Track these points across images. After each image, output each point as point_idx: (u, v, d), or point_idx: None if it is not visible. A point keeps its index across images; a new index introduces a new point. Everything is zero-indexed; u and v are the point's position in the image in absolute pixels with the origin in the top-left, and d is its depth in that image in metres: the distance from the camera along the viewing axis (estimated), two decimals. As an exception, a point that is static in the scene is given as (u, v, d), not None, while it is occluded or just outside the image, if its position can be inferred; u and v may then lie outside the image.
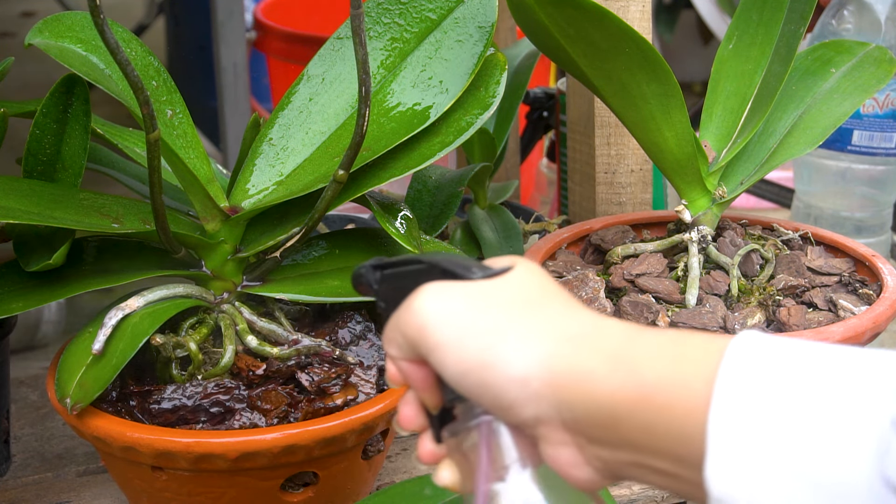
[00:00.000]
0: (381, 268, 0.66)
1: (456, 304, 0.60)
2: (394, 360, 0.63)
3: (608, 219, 1.12)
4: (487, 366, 0.57)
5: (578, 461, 0.58)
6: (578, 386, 0.56)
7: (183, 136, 0.95)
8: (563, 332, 0.58)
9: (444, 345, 0.59)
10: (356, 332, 0.93)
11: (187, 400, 0.87)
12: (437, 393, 0.62)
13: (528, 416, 0.58)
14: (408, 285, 0.62)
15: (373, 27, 0.98)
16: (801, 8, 1.02)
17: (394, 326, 0.62)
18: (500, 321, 0.59)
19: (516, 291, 0.60)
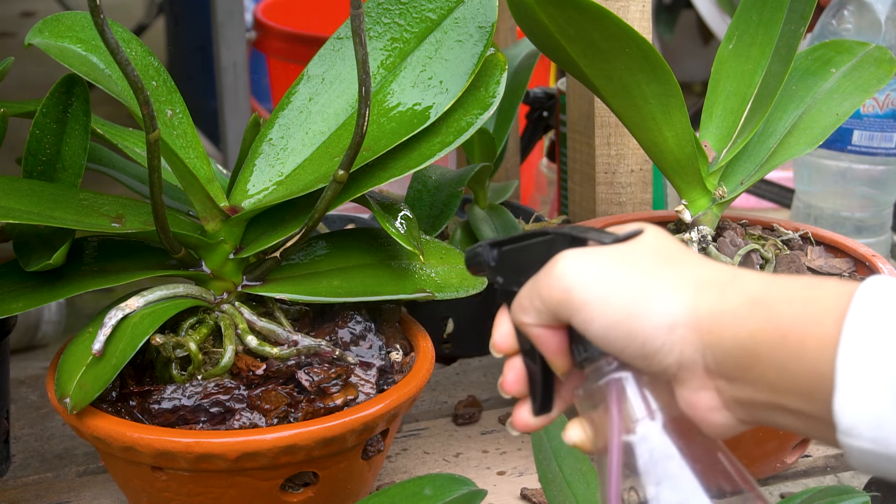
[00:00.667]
0: (498, 245, 0.69)
1: (598, 265, 0.63)
2: (526, 327, 0.66)
3: (608, 219, 1.12)
4: (634, 316, 0.61)
5: (716, 405, 0.61)
6: (721, 328, 0.59)
7: (183, 136, 0.95)
8: (703, 280, 0.61)
9: (590, 302, 0.62)
10: (356, 332, 0.93)
11: (187, 400, 0.87)
12: (567, 357, 0.65)
13: (671, 361, 0.61)
14: (534, 258, 0.66)
15: (373, 27, 0.98)
16: (801, 8, 1.02)
17: (531, 294, 0.65)
18: (643, 276, 0.62)
19: (651, 250, 0.64)
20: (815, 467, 1.04)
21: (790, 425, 0.60)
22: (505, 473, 1.04)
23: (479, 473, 1.04)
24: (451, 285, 0.96)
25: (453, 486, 0.82)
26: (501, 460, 1.06)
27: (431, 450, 1.08)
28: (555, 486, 0.82)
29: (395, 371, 0.94)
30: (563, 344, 0.65)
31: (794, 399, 0.58)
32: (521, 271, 0.67)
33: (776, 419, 0.60)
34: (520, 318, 0.66)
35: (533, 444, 0.83)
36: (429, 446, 1.08)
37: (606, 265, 0.63)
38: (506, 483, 1.02)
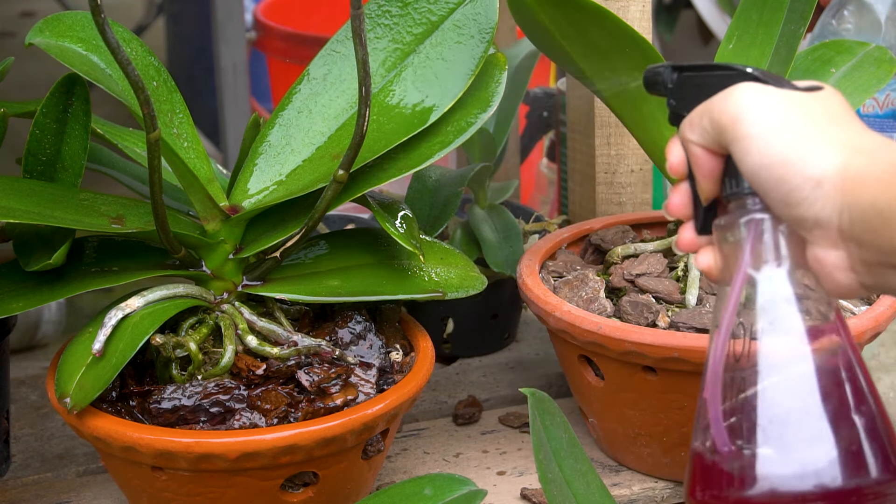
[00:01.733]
0: (680, 69, 0.72)
1: (772, 103, 0.66)
2: (689, 144, 0.69)
3: (608, 219, 1.12)
4: (789, 163, 0.64)
5: (843, 265, 0.64)
6: (863, 190, 0.62)
7: (183, 136, 0.95)
8: (859, 145, 0.64)
9: (753, 137, 0.65)
10: (356, 332, 0.93)
11: (187, 400, 0.87)
12: (717, 184, 0.70)
13: (811, 214, 0.64)
14: (712, 87, 0.69)
15: (373, 28, 0.98)
16: (801, 8, 1.02)
17: (703, 113, 0.68)
18: (808, 127, 0.65)
19: (823, 106, 0.67)
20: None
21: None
22: (505, 473, 1.04)
23: (479, 473, 1.04)
24: (451, 285, 0.96)
25: (453, 486, 0.82)
26: (501, 460, 1.06)
27: (431, 450, 1.08)
28: (555, 486, 0.82)
29: (395, 371, 0.94)
30: (716, 170, 0.69)
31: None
32: (695, 97, 0.70)
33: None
34: (686, 133, 0.70)
35: (533, 444, 0.83)
36: (429, 446, 1.08)
37: (779, 107, 0.66)
38: (506, 483, 1.02)
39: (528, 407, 0.83)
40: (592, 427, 1.04)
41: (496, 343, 1.25)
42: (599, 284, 1.00)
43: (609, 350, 0.94)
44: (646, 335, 0.92)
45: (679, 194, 0.72)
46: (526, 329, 1.29)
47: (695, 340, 0.91)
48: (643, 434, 0.98)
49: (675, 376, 0.93)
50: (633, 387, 0.96)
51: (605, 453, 1.04)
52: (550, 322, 0.97)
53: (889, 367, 1.62)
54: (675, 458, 0.98)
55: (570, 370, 1.01)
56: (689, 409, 0.95)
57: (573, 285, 1.00)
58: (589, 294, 0.99)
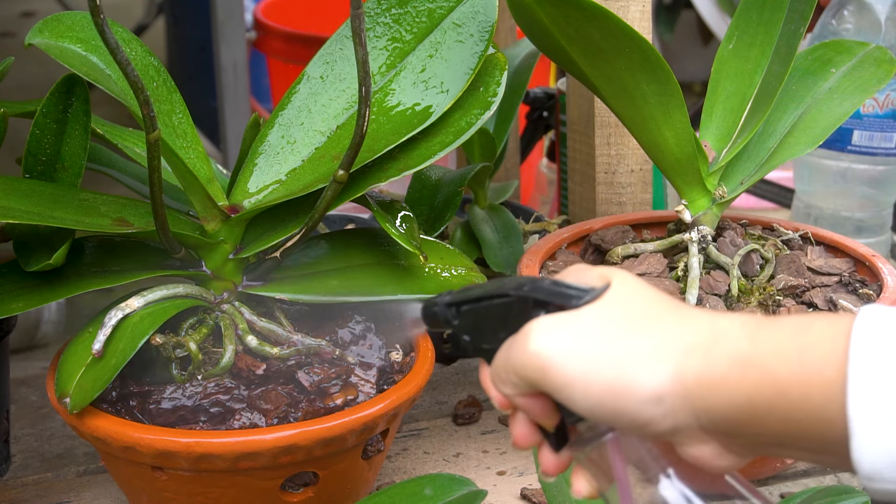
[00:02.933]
0: (456, 304, 0.66)
1: (572, 337, 0.61)
2: (509, 397, 0.64)
3: (608, 219, 1.12)
4: (619, 394, 0.59)
5: (720, 452, 0.61)
6: (713, 394, 0.58)
7: (183, 136, 0.95)
8: (685, 344, 0.60)
9: (571, 383, 0.60)
10: (356, 332, 0.93)
11: (187, 400, 0.87)
12: (555, 416, 0.64)
13: (665, 429, 0.60)
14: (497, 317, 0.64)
15: (373, 27, 0.98)
16: (801, 8, 1.02)
17: (506, 368, 0.63)
18: (620, 345, 0.60)
19: (624, 309, 0.62)
20: (815, 467, 1.04)
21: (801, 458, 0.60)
22: (505, 473, 1.04)
23: (479, 473, 1.04)
24: (452, 285, 0.96)
25: (453, 486, 0.82)
26: (501, 460, 1.06)
27: (431, 450, 1.08)
28: (555, 486, 0.82)
29: (395, 371, 0.94)
30: (547, 407, 0.64)
31: (803, 442, 0.57)
32: (486, 329, 0.65)
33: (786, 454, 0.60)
34: (500, 389, 0.65)
35: (533, 445, 0.83)
36: (429, 446, 1.08)
37: (581, 337, 0.61)
38: (506, 483, 1.02)
39: (528, 407, 0.83)
40: (592, 427, 1.04)
41: (496, 343, 1.25)
42: (599, 284, 1.00)
43: (609, 350, 0.93)
44: (646, 335, 0.92)
45: (519, 425, 0.66)
46: (526, 329, 1.29)
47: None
48: (643, 434, 0.98)
49: (675, 376, 0.93)
50: (633, 387, 0.95)
51: (605, 453, 1.04)
52: (550, 322, 0.97)
53: (889, 367, 1.61)
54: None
55: (570, 370, 1.01)
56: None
57: (573, 285, 1.00)
58: (589, 294, 0.99)
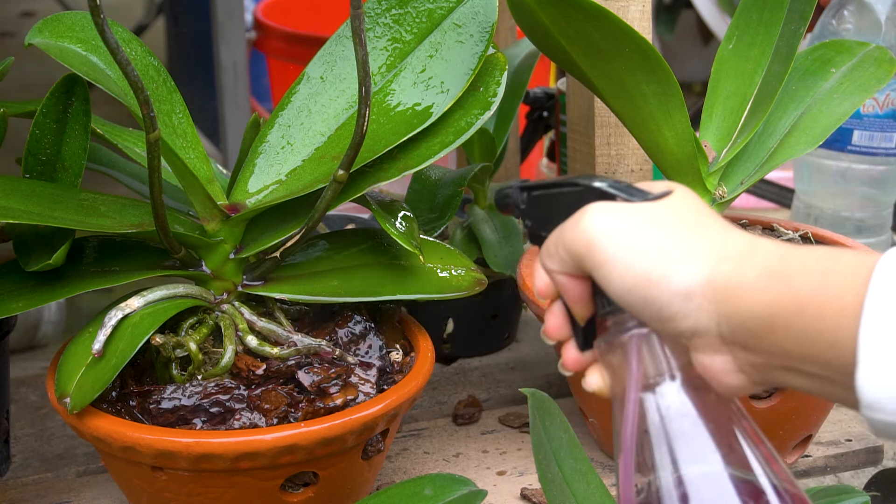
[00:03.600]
0: (528, 189, 0.70)
1: (624, 222, 0.64)
2: (552, 273, 0.68)
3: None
4: (653, 282, 0.62)
5: (731, 368, 0.62)
6: (738, 299, 0.60)
7: (183, 136, 0.95)
8: (722, 251, 0.62)
9: (611, 261, 0.63)
10: (356, 332, 0.93)
11: (187, 400, 0.87)
12: (589, 306, 0.68)
13: (686, 327, 0.62)
14: (563, 205, 0.67)
15: (373, 27, 0.98)
16: (801, 8, 1.02)
17: (557, 242, 0.67)
18: (665, 240, 0.63)
19: (677, 213, 0.65)
20: (815, 467, 1.04)
21: (805, 387, 0.61)
22: (505, 473, 1.04)
23: (479, 473, 1.04)
24: (451, 285, 0.96)
25: (453, 486, 0.82)
26: (501, 460, 1.06)
27: (431, 450, 1.08)
28: (555, 486, 0.82)
29: (395, 371, 0.94)
30: (585, 293, 0.67)
31: (811, 365, 0.59)
32: (549, 217, 0.69)
33: (792, 381, 0.61)
34: (546, 263, 0.68)
35: (533, 444, 0.83)
36: (429, 446, 1.08)
37: (632, 224, 0.64)
38: (506, 483, 1.02)
39: (528, 407, 0.83)
40: (592, 427, 1.04)
41: (496, 343, 1.25)
42: (599, 284, 1.00)
43: (609, 350, 0.94)
44: (646, 335, 0.92)
45: (553, 316, 0.70)
46: (526, 329, 1.29)
47: (695, 340, 0.91)
48: (643, 434, 0.98)
49: (675, 376, 0.93)
50: (633, 387, 0.95)
51: (605, 453, 1.04)
52: (550, 322, 0.97)
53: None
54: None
55: (570, 370, 1.01)
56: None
57: (573, 285, 1.00)
58: (589, 294, 0.99)
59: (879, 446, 1.07)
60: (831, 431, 1.08)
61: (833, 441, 1.06)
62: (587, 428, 1.05)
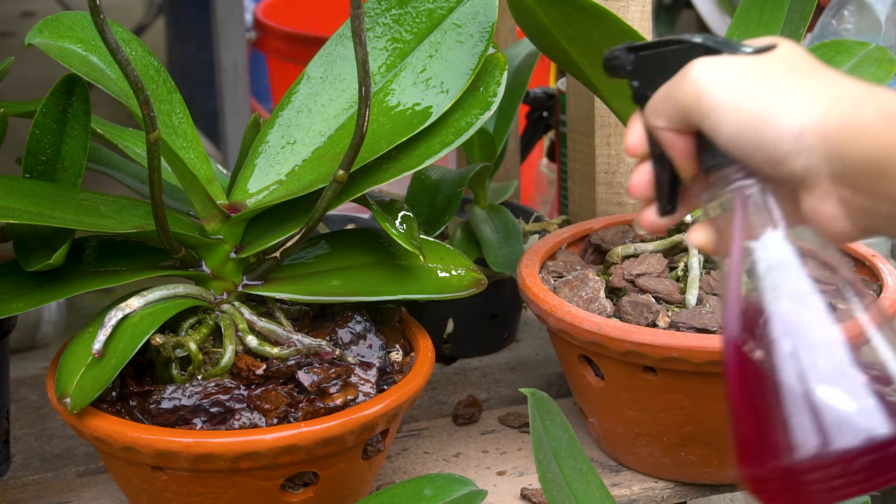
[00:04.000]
0: (635, 50, 0.72)
1: (732, 71, 0.65)
2: (657, 130, 0.68)
3: (608, 219, 1.12)
4: (764, 122, 0.62)
5: (839, 213, 0.62)
6: (853, 138, 0.60)
7: (183, 136, 0.95)
8: (836, 92, 0.62)
9: (721, 107, 0.64)
10: (356, 332, 0.93)
11: (187, 400, 0.87)
12: (694, 162, 0.68)
13: (798, 167, 0.62)
14: (670, 63, 0.68)
15: (373, 27, 0.98)
16: (801, 8, 1.02)
17: (664, 97, 0.67)
18: (775, 83, 0.64)
19: (785, 62, 0.65)
20: (815, 467, 1.04)
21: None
22: (505, 473, 1.04)
23: (479, 473, 1.04)
24: (451, 285, 0.96)
25: (453, 486, 0.82)
26: (501, 460, 1.06)
27: (431, 450, 1.08)
28: (555, 486, 0.82)
29: (395, 371, 0.94)
30: (691, 148, 0.68)
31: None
32: (656, 76, 0.70)
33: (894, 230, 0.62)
34: (652, 120, 0.69)
35: (533, 444, 0.83)
36: (429, 446, 1.08)
37: (740, 72, 0.65)
38: (506, 483, 1.02)
39: (528, 407, 0.83)
40: (592, 427, 1.04)
41: (496, 343, 1.25)
42: (599, 284, 1.00)
43: (609, 350, 0.94)
44: (646, 335, 0.92)
45: (640, 174, 0.71)
46: (526, 329, 1.29)
47: (695, 340, 0.91)
48: (643, 434, 0.98)
49: (676, 376, 0.93)
50: (633, 387, 0.96)
51: (605, 453, 1.04)
52: (550, 322, 0.97)
53: (889, 366, 1.61)
54: (675, 458, 0.98)
55: (570, 370, 1.01)
56: (689, 409, 0.95)
57: (573, 285, 1.00)
58: (589, 294, 0.99)
59: (879, 446, 1.06)
60: (831, 431, 1.08)
61: (833, 441, 1.06)
62: (587, 428, 1.05)
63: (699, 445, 0.97)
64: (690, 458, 0.98)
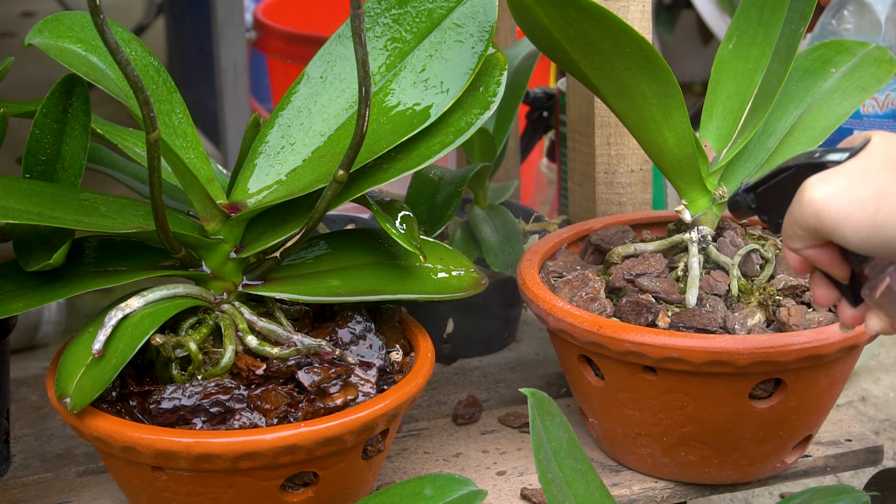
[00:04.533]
0: (751, 189, 0.80)
1: (838, 184, 0.72)
2: (798, 251, 0.76)
3: (608, 219, 1.12)
4: (880, 226, 0.70)
5: None
6: None
7: (183, 136, 0.95)
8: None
9: (840, 223, 0.72)
10: (356, 332, 0.93)
11: (187, 400, 0.87)
12: (843, 265, 0.76)
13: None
14: (786, 190, 0.76)
15: (373, 27, 0.98)
16: (801, 8, 1.02)
17: (790, 224, 0.75)
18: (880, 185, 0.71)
19: (883, 158, 0.73)
20: (815, 467, 1.04)
21: None
22: (505, 473, 1.04)
23: (479, 473, 1.04)
24: (451, 286, 0.96)
25: (453, 486, 0.82)
26: (501, 460, 1.06)
27: (431, 450, 1.08)
28: (555, 486, 0.82)
29: (395, 371, 0.94)
30: (835, 256, 0.76)
31: None
32: (779, 205, 0.78)
33: None
34: (790, 245, 0.76)
35: (533, 444, 0.83)
36: (429, 446, 1.08)
37: (846, 183, 0.72)
38: (506, 483, 1.02)
39: (528, 407, 0.83)
40: (592, 427, 1.04)
41: (496, 343, 1.25)
42: (599, 284, 1.00)
43: (609, 350, 0.94)
44: (646, 335, 0.92)
45: (818, 286, 0.79)
46: (526, 329, 1.29)
47: (695, 340, 0.91)
48: (643, 434, 0.98)
49: (675, 376, 0.93)
50: (633, 387, 0.96)
51: (605, 453, 1.04)
52: (550, 322, 0.97)
53: (889, 367, 1.62)
54: (675, 458, 0.98)
55: (570, 370, 1.01)
56: (689, 409, 0.95)
57: (573, 285, 1.00)
58: (589, 294, 0.99)
59: (879, 446, 1.07)
60: (831, 431, 1.08)
61: (833, 441, 1.06)
62: (587, 428, 1.05)
63: (699, 445, 0.97)
64: (690, 458, 0.98)
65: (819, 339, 0.92)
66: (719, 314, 0.96)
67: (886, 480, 1.08)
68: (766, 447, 0.98)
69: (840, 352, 0.93)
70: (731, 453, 0.97)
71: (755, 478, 1.01)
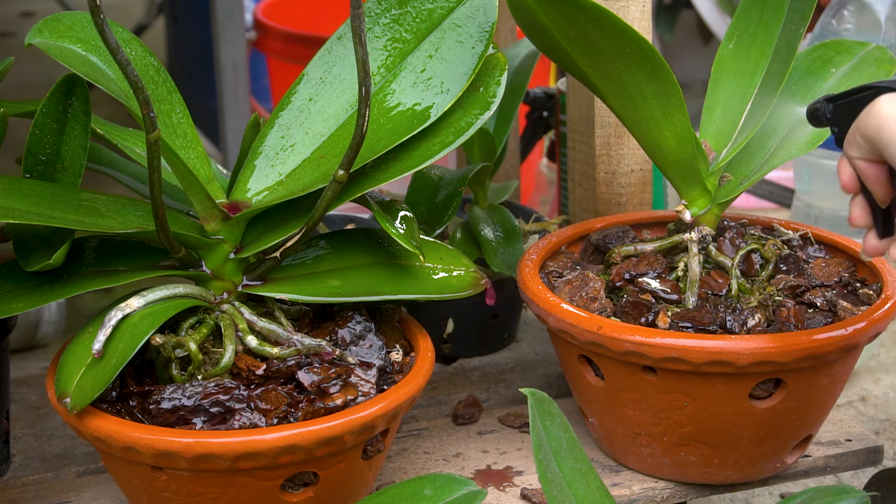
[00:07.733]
0: (832, 100, 0.83)
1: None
2: (852, 160, 0.79)
3: (608, 219, 1.12)
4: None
5: None
6: None
7: (183, 136, 0.95)
8: None
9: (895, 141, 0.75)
10: (356, 332, 0.94)
11: (187, 400, 0.87)
12: (888, 187, 0.79)
13: None
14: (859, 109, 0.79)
15: (373, 27, 0.98)
16: (801, 8, 1.02)
17: (854, 130, 0.79)
18: None
19: None
20: (815, 467, 1.04)
21: None
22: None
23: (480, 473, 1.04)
24: (451, 286, 0.96)
25: (453, 486, 0.82)
26: (501, 460, 1.06)
27: (431, 450, 1.08)
28: (555, 486, 0.82)
29: (395, 371, 0.94)
30: (882, 176, 0.78)
31: None
32: (851, 121, 0.80)
33: None
34: (847, 151, 0.79)
35: (533, 444, 0.83)
36: (429, 446, 1.08)
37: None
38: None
39: (528, 407, 0.83)
40: (592, 427, 1.04)
41: (496, 343, 1.25)
42: (599, 284, 1.00)
43: (609, 350, 0.94)
44: (646, 335, 0.92)
45: (857, 206, 0.82)
46: (526, 329, 1.29)
47: (695, 340, 0.91)
48: (643, 434, 0.98)
49: (675, 376, 0.93)
50: (633, 387, 0.96)
51: (605, 453, 1.04)
52: (550, 322, 0.97)
53: (889, 367, 1.62)
54: (675, 458, 0.98)
55: (570, 370, 1.01)
56: (689, 409, 0.95)
57: (573, 285, 1.00)
58: (589, 294, 0.99)
59: (879, 446, 1.07)
60: (831, 431, 1.08)
61: (833, 441, 1.06)
62: (587, 428, 1.05)
63: (699, 445, 0.97)
64: (690, 458, 0.98)
65: (819, 339, 0.92)
66: (719, 314, 0.96)
67: (886, 480, 1.08)
68: (766, 447, 0.98)
69: (840, 352, 0.93)
70: (731, 453, 0.97)
71: (755, 478, 1.01)
